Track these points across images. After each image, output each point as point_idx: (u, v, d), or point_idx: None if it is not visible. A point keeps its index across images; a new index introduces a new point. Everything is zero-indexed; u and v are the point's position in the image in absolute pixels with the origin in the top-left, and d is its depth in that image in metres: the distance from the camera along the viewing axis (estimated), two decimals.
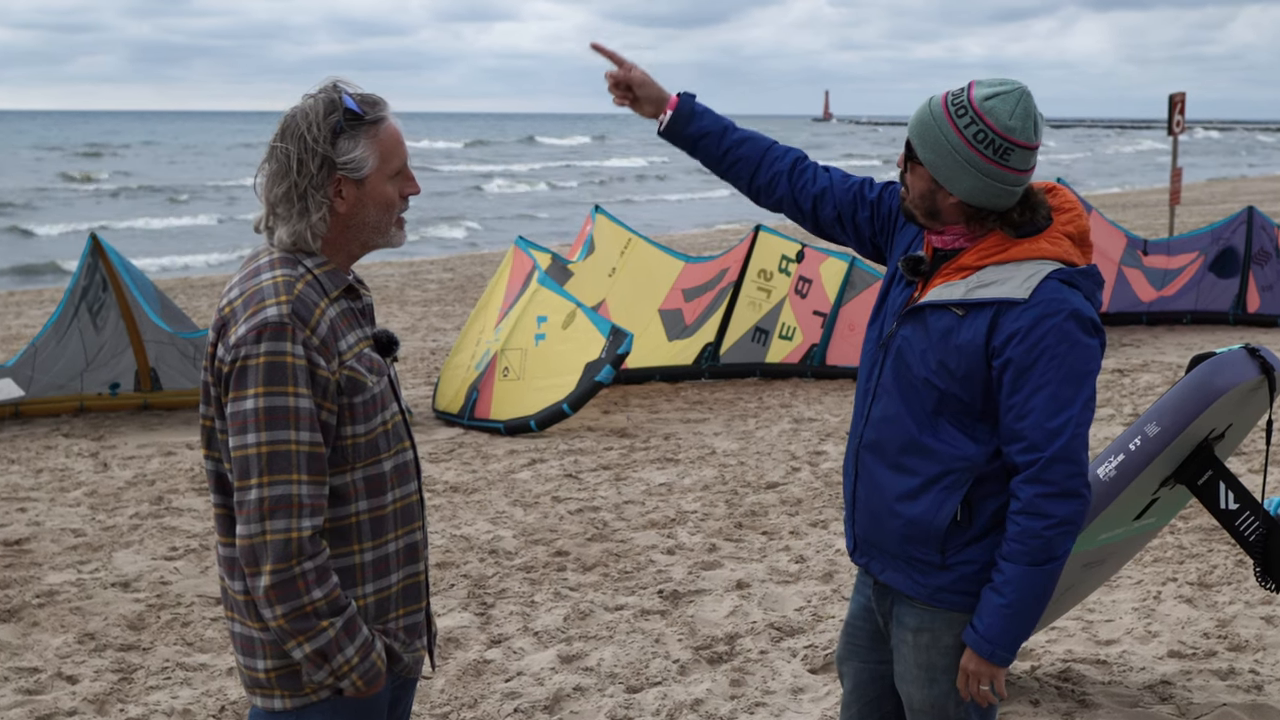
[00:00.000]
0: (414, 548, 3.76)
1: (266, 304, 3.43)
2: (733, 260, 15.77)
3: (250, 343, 3.39)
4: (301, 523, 3.41)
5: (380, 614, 3.67)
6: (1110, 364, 16.66)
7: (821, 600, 8.56)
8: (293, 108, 3.58)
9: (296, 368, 3.40)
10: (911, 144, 4.10)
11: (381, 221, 3.63)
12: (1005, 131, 3.98)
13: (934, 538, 4.12)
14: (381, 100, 3.63)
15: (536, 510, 10.65)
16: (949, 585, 4.15)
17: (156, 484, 11.50)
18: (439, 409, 14.04)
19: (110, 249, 13.55)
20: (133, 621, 8.33)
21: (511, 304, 14.11)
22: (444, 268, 29.21)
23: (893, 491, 4.20)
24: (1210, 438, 5.84)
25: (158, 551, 9.65)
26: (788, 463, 12.10)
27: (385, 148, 3.59)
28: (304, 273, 3.52)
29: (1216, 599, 8.50)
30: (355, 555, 3.59)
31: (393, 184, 3.62)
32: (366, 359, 3.59)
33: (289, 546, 3.39)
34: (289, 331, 3.40)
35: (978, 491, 4.08)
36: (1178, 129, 23.95)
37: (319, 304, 3.49)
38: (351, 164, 3.53)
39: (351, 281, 3.65)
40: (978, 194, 4.02)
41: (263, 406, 3.38)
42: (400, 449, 3.70)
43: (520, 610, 8.46)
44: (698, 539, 9.87)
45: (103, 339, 14.00)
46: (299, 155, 3.50)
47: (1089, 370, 3.97)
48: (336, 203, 3.55)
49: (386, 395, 3.64)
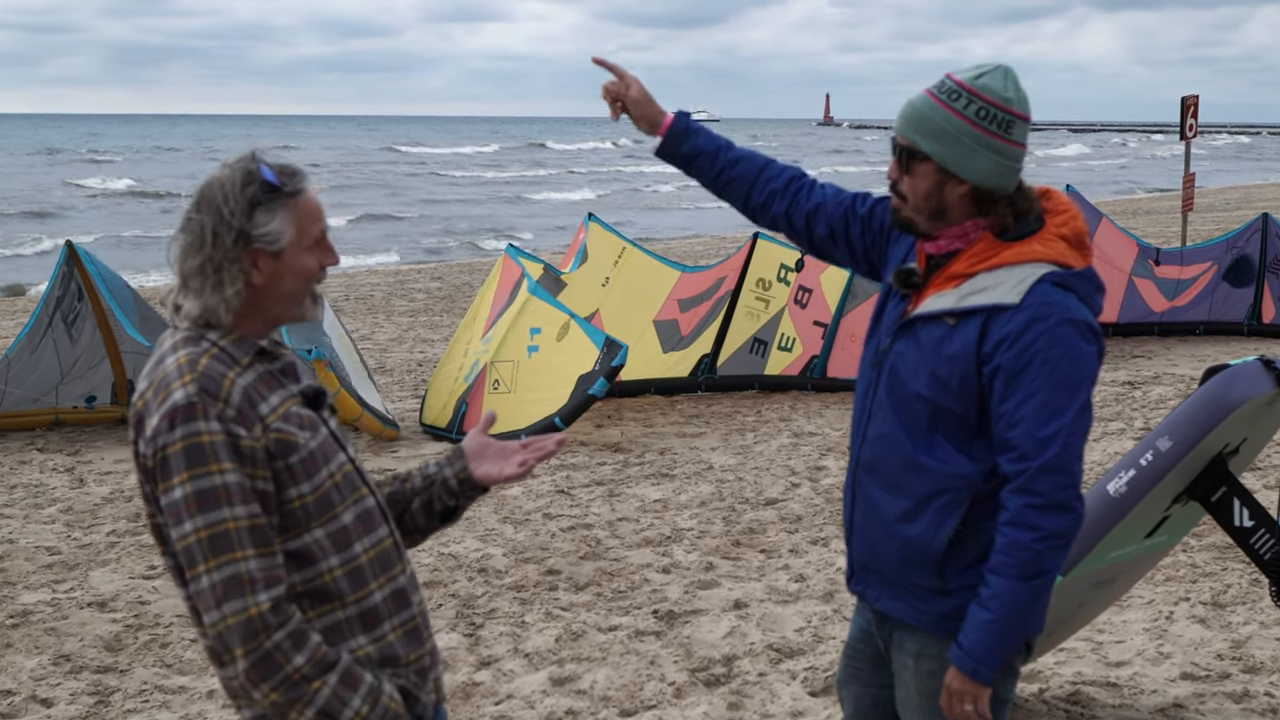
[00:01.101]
0: (402, 593, 3.72)
1: (173, 389, 3.40)
2: (730, 269, 15.77)
3: (164, 431, 3.37)
4: (258, 598, 3.37)
5: (387, 663, 3.65)
6: (1121, 376, 16.68)
7: (822, 621, 8.56)
8: (209, 177, 3.55)
9: (215, 444, 3.37)
10: (908, 144, 4.09)
11: (298, 292, 3.59)
12: (1005, 104, 4.02)
13: (933, 560, 4.10)
14: (300, 170, 3.60)
15: (527, 527, 10.65)
16: (952, 612, 4.12)
17: (134, 500, 11.49)
18: (426, 422, 14.04)
19: (87, 257, 13.54)
20: (110, 642, 8.32)
21: (499, 314, 14.11)
22: (431, 277, 29.23)
23: (890, 513, 4.19)
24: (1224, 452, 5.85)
25: (136, 570, 9.64)
26: (787, 478, 12.11)
27: (303, 219, 3.55)
28: (208, 347, 3.48)
29: (1231, 619, 8.50)
30: (339, 612, 3.56)
31: (310, 255, 3.59)
32: (295, 417, 3.54)
33: (252, 625, 3.37)
34: (199, 410, 3.37)
35: (977, 512, 4.06)
36: (1190, 133, 23.99)
37: (227, 374, 3.45)
38: (267, 237, 3.49)
39: (265, 345, 3.61)
40: (990, 175, 4.03)
41: (190, 492, 3.35)
42: (357, 498, 3.65)
43: (510, 631, 8.46)
44: (694, 557, 9.87)
45: (78, 350, 14.00)
46: (214, 228, 3.47)
47: (1083, 377, 3.94)
48: (252, 275, 3.51)
49: (327, 448, 3.60)
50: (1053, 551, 3.94)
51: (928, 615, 4.18)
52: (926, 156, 4.06)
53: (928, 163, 4.06)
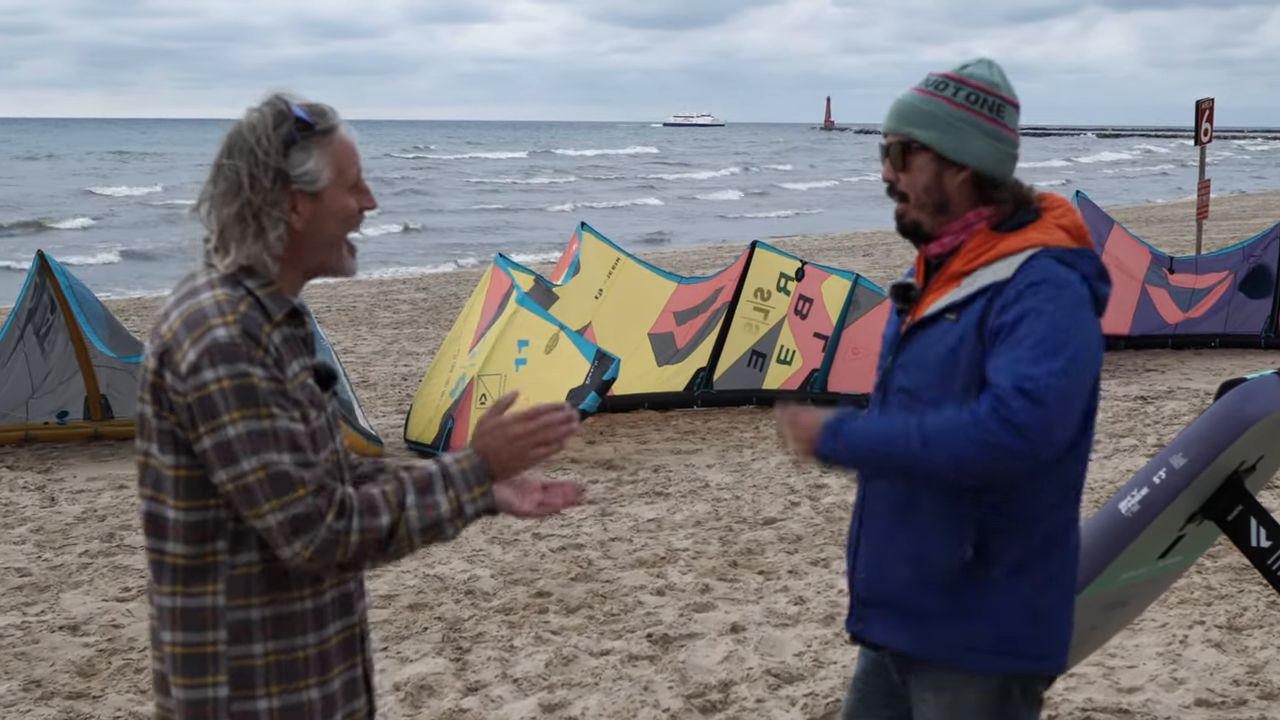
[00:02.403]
0: (348, 598, 3.72)
1: (212, 323, 3.40)
2: (728, 279, 15.78)
3: (206, 367, 3.37)
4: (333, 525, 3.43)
5: (323, 668, 3.64)
6: (1134, 391, 16.71)
7: (823, 645, 8.56)
8: (237, 122, 3.55)
9: (263, 389, 3.39)
10: (901, 137, 4.17)
11: (337, 236, 3.61)
12: (993, 88, 4.16)
13: (946, 580, 4.09)
14: (330, 109, 3.61)
15: (516, 548, 10.65)
16: (963, 642, 4.12)
17: (108, 519, 11.49)
18: (411, 439, 14.04)
19: (58, 268, 13.54)
20: (82, 668, 8.31)
21: (488, 326, 14.11)
22: (416, 287, 29.24)
23: (902, 534, 4.19)
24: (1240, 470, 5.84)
25: (109, 592, 9.64)
26: (786, 497, 12.11)
27: (340, 158, 3.58)
28: (244, 294, 3.48)
29: (1247, 643, 8.51)
30: (297, 603, 3.57)
31: (350, 195, 3.60)
32: (308, 391, 3.56)
33: (332, 548, 3.43)
34: (243, 352, 3.38)
35: (991, 524, 4.06)
36: (1205, 138, 24.02)
37: (264, 325, 3.46)
38: (306, 176, 3.51)
39: (296, 305, 3.63)
40: (989, 158, 4.12)
41: (244, 432, 3.37)
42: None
43: (498, 655, 8.46)
44: (689, 579, 9.87)
45: (50, 364, 14.00)
46: (249, 170, 3.48)
47: (1078, 333, 3.93)
48: (293, 219, 3.53)
49: (324, 432, 3.61)
50: (981, 462, 3.88)
51: (940, 646, 4.15)
52: (922, 147, 4.14)
53: (924, 153, 4.14)
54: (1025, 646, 4.13)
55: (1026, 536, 4.08)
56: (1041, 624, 4.14)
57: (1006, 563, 4.06)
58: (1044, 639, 4.17)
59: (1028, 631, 4.12)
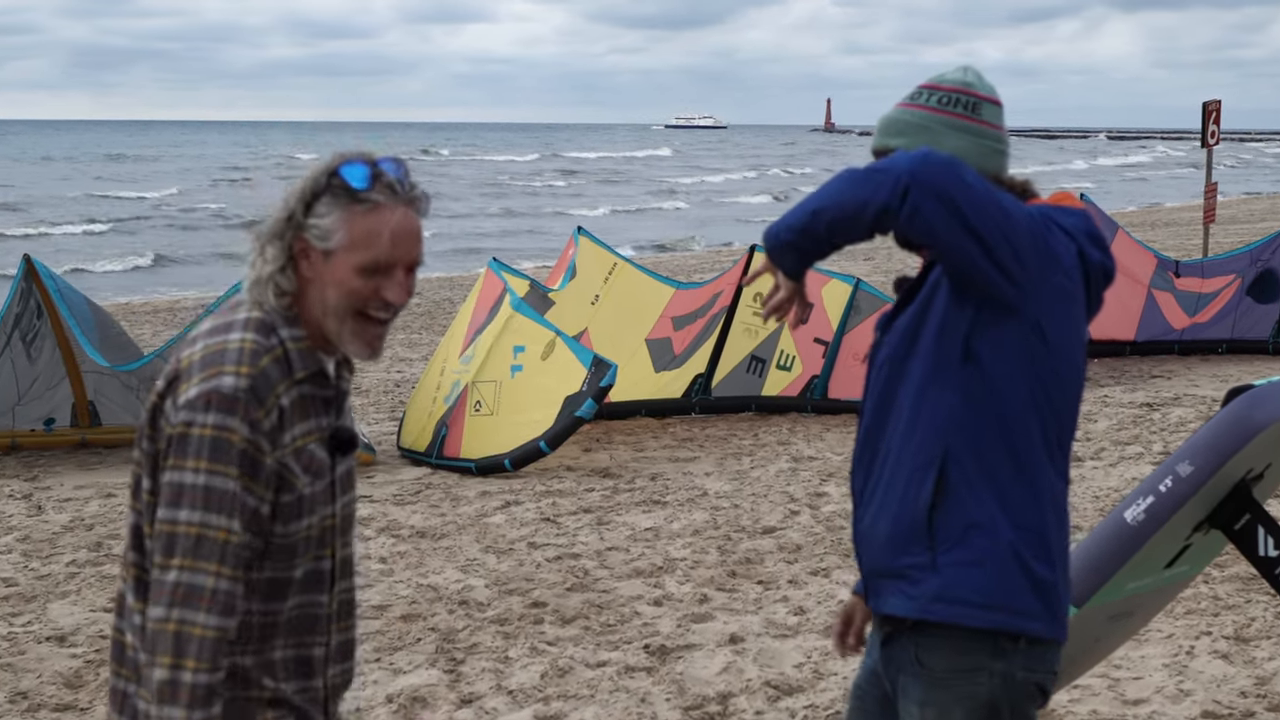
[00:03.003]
0: (308, 662, 3.67)
1: (225, 370, 3.39)
2: (726, 283, 15.78)
3: (199, 409, 3.37)
4: (210, 619, 3.36)
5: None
6: (1139, 398, 16.72)
7: (823, 656, 8.56)
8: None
9: (238, 450, 3.37)
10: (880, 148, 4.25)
11: (340, 309, 3.53)
12: (965, 87, 4.22)
13: (918, 530, 4.06)
14: (400, 187, 3.52)
15: (511, 557, 10.65)
16: (942, 592, 4.06)
17: (95, 528, 11.49)
18: (404, 446, 14.05)
19: (45, 272, 13.53)
20: (69, 679, 8.31)
21: (479, 330, 14.10)
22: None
23: (878, 491, 4.19)
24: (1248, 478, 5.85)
25: (97, 602, 9.64)
26: (786, 505, 12.11)
27: (366, 233, 3.48)
28: (275, 345, 3.47)
29: (1255, 654, 8.51)
30: (238, 658, 3.53)
31: (361, 277, 3.51)
32: (307, 456, 3.52)
33: (190, 644, 3.34)
34: (240, 407, 3.37)
35: (956, 467, 4.03)
36: (1212, 140, 24.04)
37: (278, 385, 3.44)
38: (316, 230, 3.47)
39: (324, 368, 3.59)
40: (968, 153, 4.13)
41: (203, 484, 3.35)
42: (319, 555, 3.62)
43: (493, 667, 8.46)
44: (687, 589, 9.87)
45: (37, 370, 14.00)
46: (284, 201, 3.51)
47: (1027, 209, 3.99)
48: (302, 265, 3.50)
49: (319, 498, 3.57)
50: (854, 181, 3.94)
51: (919, 599, 4.08)
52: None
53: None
54: (1000, 597, 4.06)
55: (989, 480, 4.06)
56: (1018, 575, 4.09)
57: (975, 511, 4.04)
58: (1020, 592, 4.08)
59: (1002, 580, 4.07)
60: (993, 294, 3.94)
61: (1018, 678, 4.09)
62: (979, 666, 4.08)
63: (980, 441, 4.04)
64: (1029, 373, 4.02)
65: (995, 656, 4.07)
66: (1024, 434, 4.06)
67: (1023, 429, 4.06)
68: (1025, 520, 4.06)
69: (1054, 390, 4.08)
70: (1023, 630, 4.08)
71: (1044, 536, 4.10)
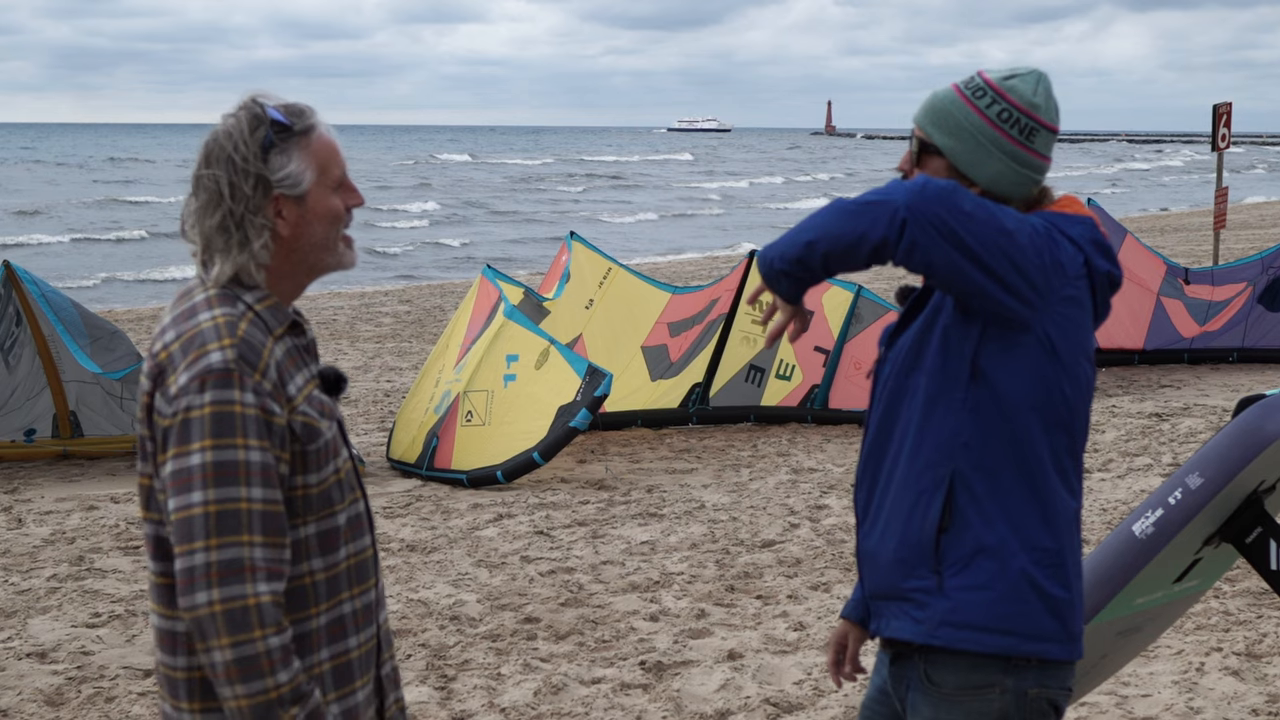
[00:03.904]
0: (370, 608, 3.73)
1: (209, 349, 3.41)
2: (724, 290, 15.77)
3: (193, 392, 3.38)
4: (258, 588, 3.36)
5: (340, 683, 3.63)
6: (1148, 408, 16.72)
7: (823, 672, 8.55)
8: (212, 130, 3.58)
9: (247, 417, 3.38)
10: (924, 135, 4.16)
11: (329, 238, 3.63)
12: (1030, 109, 4.10)
13: (925, 553, 4.06)
14: (308, 108, 3.64)
15: (503, 571, 10.64)
16: (945, 616, 4.05)
17: (77, 542, 11.48)
18: (394, 458, 14.04)
19: (26, 277, 13.49)
20: (50, 696, 8.30)
21: (474, 340, 14.11)
22: (400, 299, 29.25)
23: (883, 510, 4.19)
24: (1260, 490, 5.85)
25: (78, 618, 9.63)
26: (785, 518, 12.11)
27: (322, 157, 3.60)
28: (244, 310, 3.50)
29: (1266, 671, 8.51)
30: (311, 620, 3.56)
31: (336, 196, 3.63)
32: (317, 402, 3.58)
33: (247, 616, 3.34)
34: (236, 378, 3.38)
35: (964, 489, 4.03)
36: (1223, 143, 24.06)
37: (265, 344, 3.48)
38: (288, 180, 3.53)
39: (294, 317, 3.65)
40: (1002, 181, 4.10)
41: (210, 461, 3.35)
42: (353, 499, 3.68)
43: (485, 684, 8.45)
44: (684, 604, 9.87)
45: (16, 380, 13.98)
46: (229, 179, 3.50)
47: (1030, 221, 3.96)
48: (278, 225, 3.55)
49: (337, 441, 3.63)
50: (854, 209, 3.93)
51: (926, 624, 4.08)
52: (938, 151, 4.12)
53: (939, 158, 4.14)
54: (1010, 621, 4.05)
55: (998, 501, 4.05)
56: (1029, 598, 4.09)
57: (982, 527, 4.02)
58: (1031, 615, 4.07)
59: (1012, 604, 4.06)
60: (1002, 315, 3.94)
61: (1030, 694, 4.09)
62: (990, 683, 4.08)
63: (989, 462, 4.04)
64: (1038, 389, 4.02)
65: (1007, 673, 4.07)
66: (1034, 452, 4.06)
67: (1032, 447, 4.06)
68: (1037, 541, 4.06)
69: (1063, 405, 4.08)
70: (1034, 654, 4.08)
71: (1058, 555, 4.10)
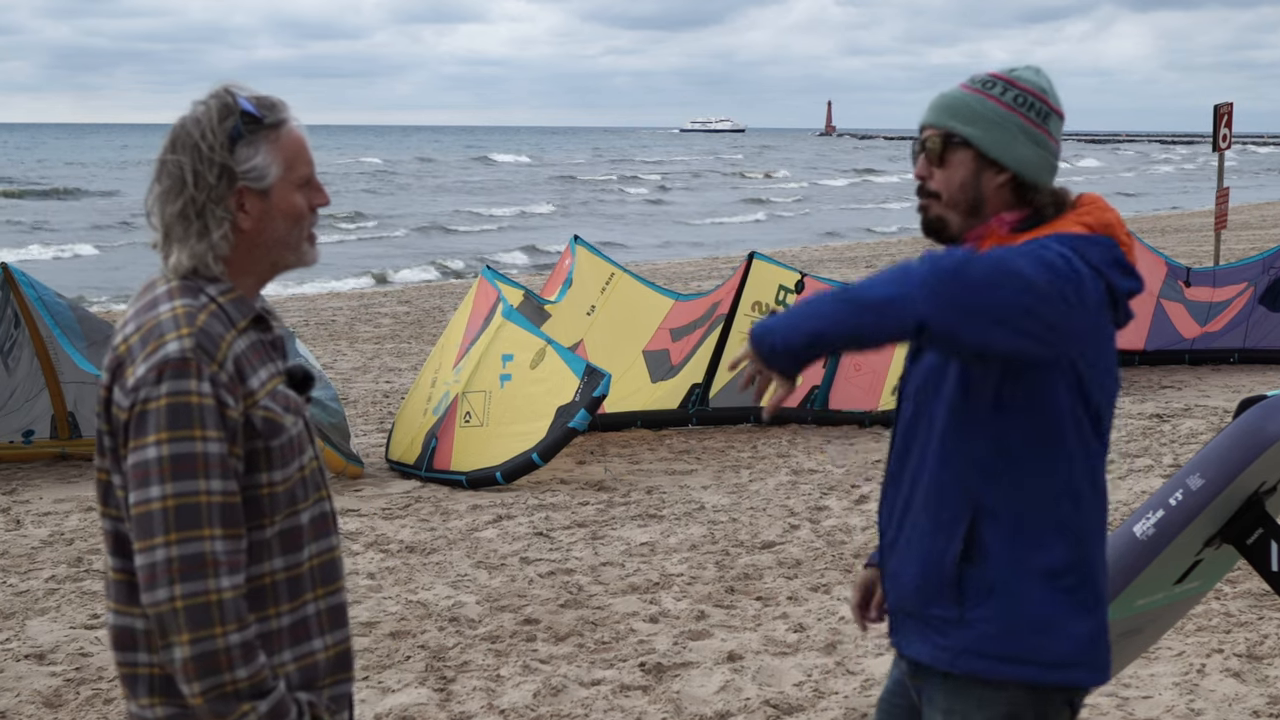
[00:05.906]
0: (339, 610, 3.72)
1: (166, 339, 3.40)
2: (725, 293, 15.77)
3: (150, 384, 3.37)
4: (220, 583, 3.36)
5: (305, 683, 3.63)
6: (1149, 409, 16.72)
7: (823, 674, 8.56)
8: (181, 116, 3.56)
9: (204, 408, 3.37)
10: (944, 130, 4.15)
11: (291, 235, 3.61)
12: (1042, 93, 4.14)
13: (948, 583, 4.07)
14: (280, 102, 3.62)
15: (503, 573, 10.65)
16: (972, 646, 4.08)
17: (76, 543, 11.48)
18: (393, 459, 14.04)
19: (24, 279, 13.48)
20: (49, 698, 8.30)
21: (473, 341, 14.10)
22: (399, 300, 29.25)
23: (905, 530, 4.21)
24: (1261, 491, 5.85)
25: (77, 619, 9.63)
26: (785, 519, 12.11)
27: (289, 154, 3.58)
28: (206, 301, 3.49)
29: (1268, 672, 8.51)
30: (272, 620, 3.55)
31: (301, 194, 3.61)
32: (282, 397, 3.57)
33: (209, 612, 3.34)
34: (193, 367, 3.37)
35: (986, 519, 4.04)
36: (1224, 144, 24.07)
37: (225, 336, 3.47)
38: (253, 173, 3.52)
39: (260, 310, 3.63)
40: (1031, 164, 4.10)
41: (167, 455, 3.34)
42: (318, 498, 3.68)
43: (484, 685, 8.45)
44: (684, 605, 9.87)
45: (14, 381, 13.98)
46: (193, 167, 3.49)
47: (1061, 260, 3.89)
48: (240, 218, 3.53)
49: (303, 438, 3.62)
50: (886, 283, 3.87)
51: (948, 651, 4.11)
52: (964, 142, 4.11)
53: (965, 150, 4.12)
54: (1032, 652, 4.08)
55: (1023, 530, 4.06)
56: (1053, 628, 4.10)
57: (1005, 558, 4.04)
58: (1054, 644, 4.08)
59: (1035, 635, 4.09)
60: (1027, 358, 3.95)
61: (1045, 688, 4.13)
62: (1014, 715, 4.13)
63: (1011, 490, 4.05)
64: (1062, 414, 4.03)
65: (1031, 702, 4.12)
66: (1057, 478, 4.07)
67: (1057, 472, 4.07)
68: (1060, 567, 4.07)
69: (1088, 426, 4.09)
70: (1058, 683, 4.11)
71: (1082, 580, 4.12)
